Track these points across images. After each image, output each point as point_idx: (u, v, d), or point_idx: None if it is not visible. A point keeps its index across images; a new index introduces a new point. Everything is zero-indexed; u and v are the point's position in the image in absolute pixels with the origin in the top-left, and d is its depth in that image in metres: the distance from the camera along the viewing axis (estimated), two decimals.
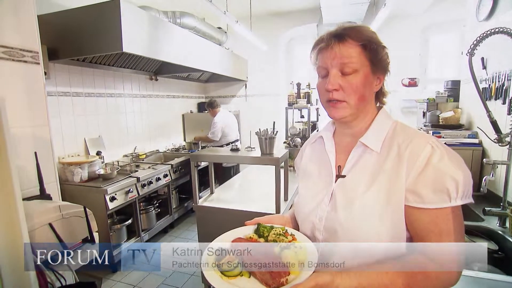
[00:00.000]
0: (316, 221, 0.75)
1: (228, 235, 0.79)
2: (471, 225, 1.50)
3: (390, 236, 0.65)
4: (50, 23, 2.37)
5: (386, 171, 0.67)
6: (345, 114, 0.71)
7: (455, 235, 0.62)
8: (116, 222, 2.72)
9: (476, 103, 2.29)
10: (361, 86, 0.69)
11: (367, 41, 0.68)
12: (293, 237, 0.75)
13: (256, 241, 0.75)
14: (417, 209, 0.63)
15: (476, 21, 2.25)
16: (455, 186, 0.60)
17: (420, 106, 2.95)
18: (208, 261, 0.68)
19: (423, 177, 0.62)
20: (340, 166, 0.76)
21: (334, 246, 0.71)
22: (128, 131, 3.56)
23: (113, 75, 3.29)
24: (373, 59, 0.69)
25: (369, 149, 0.71)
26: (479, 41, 1.46)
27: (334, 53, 0.68)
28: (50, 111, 2.51)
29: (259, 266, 0.62)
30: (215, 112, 4.11)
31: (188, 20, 3.54)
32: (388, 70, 0.74)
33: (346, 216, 0.69)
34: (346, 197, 0.71)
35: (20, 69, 1.06)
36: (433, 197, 0.61)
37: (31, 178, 1.07)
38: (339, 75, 0.69)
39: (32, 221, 0.79)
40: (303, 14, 4.44)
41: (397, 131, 0.71)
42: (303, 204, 0.81)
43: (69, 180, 2.52)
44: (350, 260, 0.67)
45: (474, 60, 1.50)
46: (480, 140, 2.15)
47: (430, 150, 0.63)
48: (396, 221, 0.65)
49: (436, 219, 0.62)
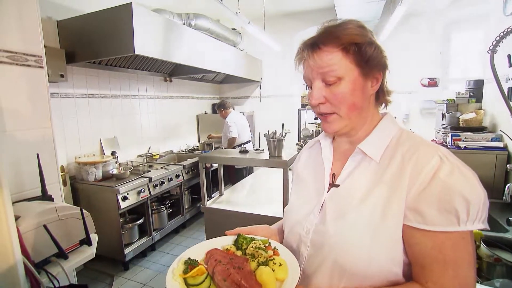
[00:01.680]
0: (303, 233, 0.68)
1: (205, 244, 0.73)
2: (494, 236, 1.39)
3: (384, 258, 0.57)
4: (68, 28, 2.47)
5: (385, 183, 0.59)
6: (338, 127, 0.64)
7: (463, 266, 0.53)
8: (128, 221, 2.77)
9: (500, 104, 2.14)
10: (348, 95, 0.61)
11: (346, 43, 0.59)
12: (275, 251, 0.68)
13: (232, 253, 0.68)
14: (419, 230, 0.54)
15: (502, 16, 2.11)
16: (465, 206, 0.51)
17: (439, 107, 2.80)
18: (174, 272, 0.62)
19: (428, 193, 0.53)
20: (334, 174, 0.69)
21: (319, 263, 0.63)
22: (142, 131, 3.63)
23: (128, 77, 3.37)
24: (360, 61, 0.61)
25: (368, 157, 0.63)
26: (503, 37, 1.36)
27: (312, 64, 0.62)
28: (68, 112, 2.65)
29: (229, 283, 0.56)
30: (226, 114, 4.07)
31: (202, 21, 3.56)
32: (387, 66, 0.65)
33: (335, 231, 0.61)
34: (338, 209, 0.63)
35: (23, 73, 1.08)
36: (439, 218, 0.52)
37: (33, 179, 1.10)
38: (322, 86, 0.62)
39: (27, 223, 0.81)
40: (317, 13, 4.36)
41: (402, 140, 0.63)
42: (292, 212, 0.75)
43: (84, 179, 2.59)
44: (336, 281, 0.61)
45: (500, 58, 1.39)
46: (505, 144, 2.00)
47: (438, 162, 0.54)
48: (392, 242, 0.56)
49: (442, 245, 0.53)
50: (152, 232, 2.91)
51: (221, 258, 0.63)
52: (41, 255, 0.85)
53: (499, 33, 1.36)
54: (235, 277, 0.57)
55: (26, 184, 1.10)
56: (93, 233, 1.00)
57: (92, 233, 1.00)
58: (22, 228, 0.78)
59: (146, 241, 2.84)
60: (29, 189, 1.10)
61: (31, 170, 1.09)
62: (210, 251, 0.68)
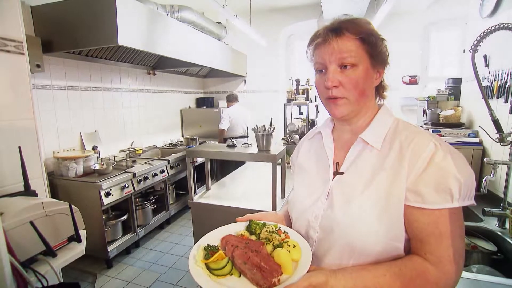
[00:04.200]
0: (311, 219, 0.72)
1: (218, 231, 0.75)
2: (470, 225, 1.47)
3: (388, 236, 0.62)
4: (44, 15, 2.32)
5: (386, 169, 0.64)
6: (346, 111, 0.68)
7: (455, 238, 0.60)
8: (111, 218, 2.69)
9: (477, 102, 2.25)
10: (361, 81, 0.66)
11: (365, 34, 0.65)
12: (286, 235, 0.71)
13: (247, 238, 0.71)
14: (418, 209, 0.60)
15: (479, 18, 2.21)
16: (458, 186, 0.57)
17: (420, 104, 2.92)
18: (196, 259, 0.64)
19: (425, 176, 0.59)
20: (338, 163, 0.73)
21: (329, 245, 0.68)
22: (125, 126, 3.52)
23: (110, 69, 3.24)
24: (372, 52, 0.67)
25: (369, 146, 0.68)
26: (483, 37, 1.42)
27: (332, 48, 0.65)
28: (45, 105, 2.52)
29: (250, 265, 0.59)
30: (228, 106, 4.15)
31: (187, 14, 3.47)
32: (388, 63, 0.71)
33: (343, 215, 0.66)
34: (344, 195, 0.68)
35: (2, 60, 1.01)
36: (435, 197, 0.59)
37: (15, 173, 1.03)
38: (338, 70, 0.66)
39: (12, 219, 0.76)
40: (304, 9, 4.38)
41: (399, 129, 0.68)
42: (299, 201, 0.78)
43: (64, 175, 2.48)
44: (345, 260, 0.65)
45: (476, 58, 1.46)
46: (480, 139, 2.11)
47: (433, 148, 0.61)
48: (395, 222, 0.62)
49: (437, 220, 0.59)
50: (136, 228, 2.84)
51: (237, 243, 0.66)
52: (28, 253, 0.80)
53: (480, 33, 1.42)
54: (255, 260, 0.60)
55: (7, 178, 1.03)
56: (82, 229, 0.97)
57: (81, 229, 0.96)
58: (6, 225, 0.73)
59: (130, 237, 2.77)
60: (10, 184, 1.03)
61: (13, 164, 1.02)
62: (225, 237, 0.70)
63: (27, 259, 0.81)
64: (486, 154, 2.05)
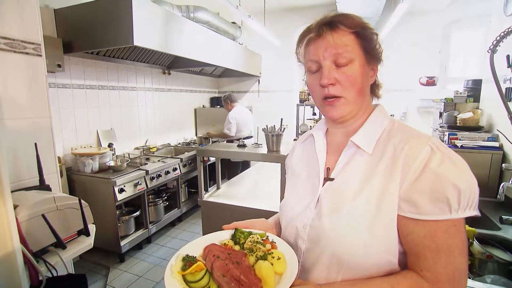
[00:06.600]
0: (300, 228, 0.67)
1: (202, 239, 0.71)
2: (486, 234, 1.41)
3: (380, 249, 0.57)
4: (66, 17, 2.43)
5: (378, 175, 0.59)
6: (345, 112, 0.63)
7: (455, 254, 0.53)
8: (124, 214, 2.77)
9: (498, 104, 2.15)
10: (359, 78, 0.62)
11: (360, 27, 0.62)
12: (273, 245, 0.67)
13: (230, 248, 0.66)
14: (412, 220, 0.55)
15: (503, 16, 2.11)
16: (456, 195, 0.52)
17: (437, 106, 2.82)
18: (173, 270, 0.60)
19: (420, 184, 0.54)
20: (329, 168, 0.69)
21: (316, 257, 0.63)
22: (140, 124, 3.61)
23: (127, 69, 3.34)
24: (367, 47, 0.63)
25: (361, 150, 0.63)
26: (503, 36, 1.36)
27: (327, 43, 0.61)
28: (65, 103, 2.62)
29: (228, 278, 0.55)
30: (231, 107, 4.05)
31: (202, 14, 3.52)
32: (381, 60, 0.67)
33: (331, 224, 0.61)
34: (333, 202, 0.63)
35: (21, 61, 1.06)
36: (431, 207, 0.53)
37: (31, 169, 1.09)
38: (333, 67, 0.61)
39: (25, 212, 0.80)
40: (318, 9, 4.34)
41: (394, 131, 0.63)
42: (288, 207, 0.74)
43: (81, 171, 2.58)
44: (333, 274, 0.61)
45: (498, 58, 1.39)
46: (500, 144, 2.02)
47: (429, 152, 0.55)
48: (388, 233, 0.57)
49: (434, 233, 0.54)
50: (148, 224, 2.91)
51: (219, 254, 0.62)
52: (39, 244, 0.85)
53: (500, 33, 1.36)
54: (234, 273, 0.56)
55: (23, 173, 1.09)
56: (91, 223, 1.00)
57: (90, 224, 1.00)
58: (20, 217, 0.78)
59: (142, 233, 2.84)
60: (26, 179, 1.09)
61: (29, 160, 1.08)
62: (208, 247, 0.66)
63: (39, 250, 0.85)
64: (506, 159, 1.96)
